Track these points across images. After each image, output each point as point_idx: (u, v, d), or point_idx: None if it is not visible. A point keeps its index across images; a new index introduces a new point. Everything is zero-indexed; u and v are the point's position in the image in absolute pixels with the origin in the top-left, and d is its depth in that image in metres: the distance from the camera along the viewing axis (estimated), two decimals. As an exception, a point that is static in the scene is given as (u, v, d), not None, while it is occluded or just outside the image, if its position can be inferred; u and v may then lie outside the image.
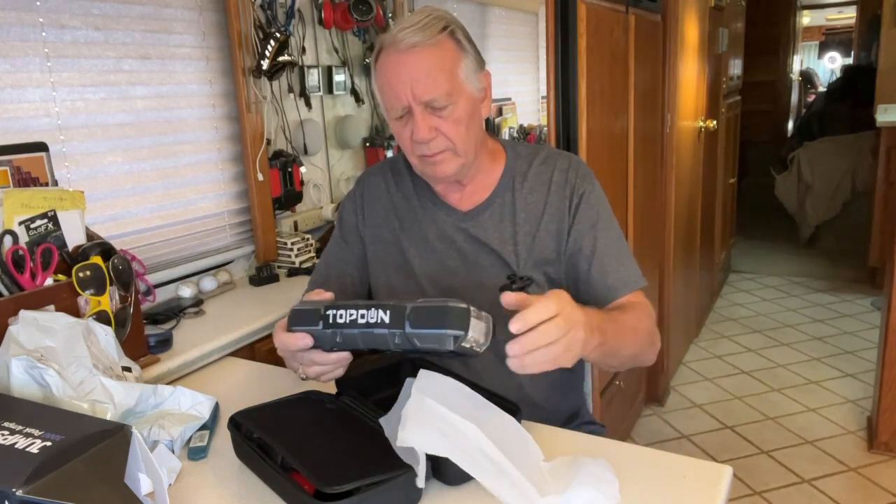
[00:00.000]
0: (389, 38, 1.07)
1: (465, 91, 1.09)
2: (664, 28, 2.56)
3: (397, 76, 1.06)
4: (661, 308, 2.76)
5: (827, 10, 9.50)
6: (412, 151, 1.12)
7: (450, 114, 1.07)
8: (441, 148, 1.09)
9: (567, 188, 1.19)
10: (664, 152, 2.65)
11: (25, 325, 1.02)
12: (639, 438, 2.60)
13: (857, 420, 2.63)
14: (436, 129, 1.08)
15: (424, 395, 0.84)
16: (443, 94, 1.06)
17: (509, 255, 1.17)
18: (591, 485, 0.80)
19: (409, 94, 1.05)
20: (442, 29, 1.07)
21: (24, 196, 1.22)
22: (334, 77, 2.26)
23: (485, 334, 0.82)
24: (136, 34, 1.69)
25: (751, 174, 5.87)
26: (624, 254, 1.19)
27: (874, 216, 3.87)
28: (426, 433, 0.79)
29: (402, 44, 1.05)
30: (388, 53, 1.07)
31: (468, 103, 1.10)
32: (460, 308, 0.80)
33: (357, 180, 1.34)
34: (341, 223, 1.32)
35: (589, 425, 1.31)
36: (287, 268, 1.96)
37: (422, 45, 1.05)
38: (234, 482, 0.92)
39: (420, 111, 1.06)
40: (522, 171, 1.21)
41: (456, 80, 1.07)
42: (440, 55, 1.06)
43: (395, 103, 1.08)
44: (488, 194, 1.20)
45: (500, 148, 1.24)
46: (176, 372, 1.32)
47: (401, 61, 1.06)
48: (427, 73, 1.05)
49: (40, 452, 0.68)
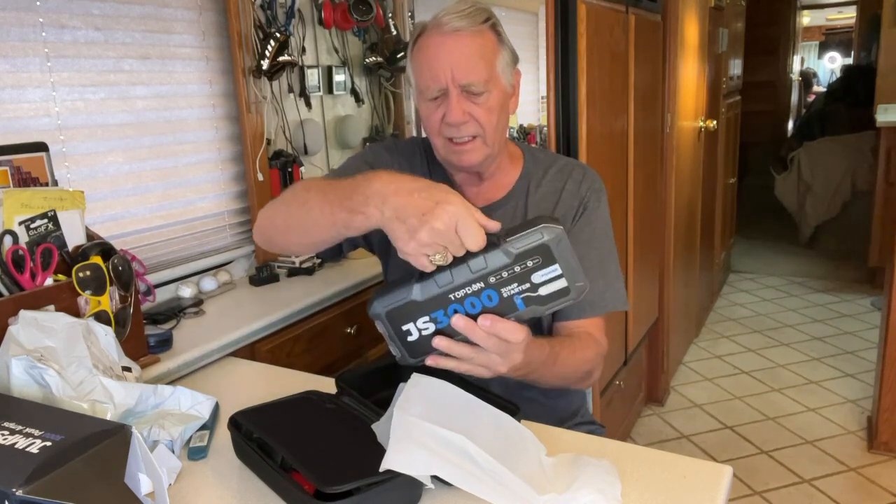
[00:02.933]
0: (434, 20, 1.09)
1: (500, 83, 1.11)
2: (664, 28, 2.56)
3: (437, 57, 1.07)
4: (662, 308, 2.76)
5: (827, 10, 9.50)
6: (439, 133, 1.12)
7: (484, 101, 1.09)
8: (472, 133, 1.10)
9: (576, 199, 1.19)
10: (664, 152, 2.65)
11: (25, 325, 1.02)
12: (639, 438, 2.60)
13: (857, 420, 2.63)
14: (469, 114, 1.08)
15: (408, 414, 0.83)
16: (481, 79, 1.07)
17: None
18: (593, 486, 0.80)
19: (448, 76, 1.06)
20: (485, 20, 1.09)
21: (24, 196, 1.22)
22: (334, 77, 2.26)
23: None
24: (136, 34, 1.69)
25: (751, 174, 5.87)
26: (607, 275, 1.18)
27: (874, 216, 3.87)
28: (413, 453, 0.79)
29: (446, 27, 1.07)
30: (431, 34, 1.09)
31: (501, 94, 1.11)
32: (548, 216, 0.84)
33: (391, 138, 1.30)
34: (373, 155, 1.25)
35: (589, 425, 1.31)
36: (287, 268, 1.96)
37: (466, 30, 1.07)
38: (234, 482, 0.92)
39: (456, 94, 1.07)
40: (538, 178, 1.22)
41: (493, 69, 1.09)
42: (482, 43, 1.08)
43: (431, 84, 1.08)
44: (503, 194, 1.21)
45: (518, 152, 1.25)
46: (176, 372, 1.32)
47: (443, 43, 1.07)
48: (468, 57, 1.07)
49: (40, 452, 0.68)
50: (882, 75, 4.10)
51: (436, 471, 0.78)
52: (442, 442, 0.81)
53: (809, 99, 8.04)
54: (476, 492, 0.78)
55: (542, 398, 1.21)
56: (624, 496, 0.81)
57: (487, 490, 0.78)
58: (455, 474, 0.78)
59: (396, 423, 0.82)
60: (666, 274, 2.74)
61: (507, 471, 0.79)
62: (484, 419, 0.89)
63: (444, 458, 0.79)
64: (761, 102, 6.25)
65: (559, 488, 0.80)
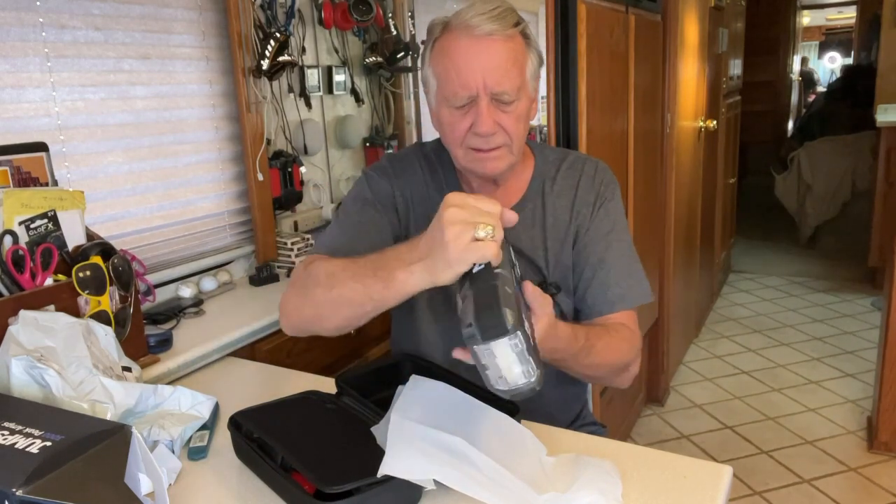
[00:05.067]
0: (460, 20, 1.01)
1: (528, 90, 1.06)
2: (664, 28, 2.56)
3: (468, 62, 1.00)
4: (661, 308, 2.76)
5: (827, 10, 9.51)
6: (462, 143, 1.07)
7: (514, 109, 1.04)
8: (499, 143, 1.06)
9: (592, 194, 1.17)
10: (664, 152, 2.65)
11: (25, 325, 1.02)
12: (639, 438, 2.60)
13: (857, 420, 2.63)
14: (498, 124, 1.04)
15: (405, 418, 0.83)
16: (514, 88, 1.02)
17: (540, 261, 1.16)
18: (594, 486, 0.80)
19: (479, 84, 1.00)
20: (516, 23, 1.03)
21: (24, 196, 1.22)
22: (334, 77, 2.26)
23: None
24: (136, 34, 1.69)
25: (751, 174, 5.87)
26: (632, 268, 1.17)
27: (874, 216, 3.87)
28: (410, 458, 0.79)
29: (477, 29, 1.00)
30: (459, 37, 1.01)
31: (528, 102, 1.07)
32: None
33: (386, 158, 1.24)
34: (371, 190, 1.18)
35: (590, 426, 1.31)
36: (287, 268, 1.96)
37: (498, 34, 1.00)
38: (234, 482, 0.92)
39: (486, 102, 1.01)
40: (551, 176, 1.19)
41: (524, 76, 1.05)
42: (514, 48, 1.03)
43: (460, 90, 1.02)
44: (519, 197, 1.18)
45: (528, 150, 1.22)
46: (176, 372, 1.32)
47: (475, 47, 1.00)
48: (501, 64, 1.01)
49: (40, 452, 0.68)
50: (882, 75, 4.11)
51: (433, 474, 0.78)
52: (439, 445, 0.81)
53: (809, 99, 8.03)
54: (474, 494, 0.78)
55: (544, 398, 1.21)
56: (624, 496, 0.81)
57: (486, 492, 0.78)
58: (453, 477, 0.78)
59: (394, 428, 0.82)
60: (666, 274, 2.74)
61: (506, 471, 0.79)
62: (483, 420, 0.89)
63: (442, 462, 0.79)
64: (761, 102, 6.25)
65: (560, 488, 0.80)
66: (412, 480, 0.78)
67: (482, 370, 0.77)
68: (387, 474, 0.78)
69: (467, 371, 1.10)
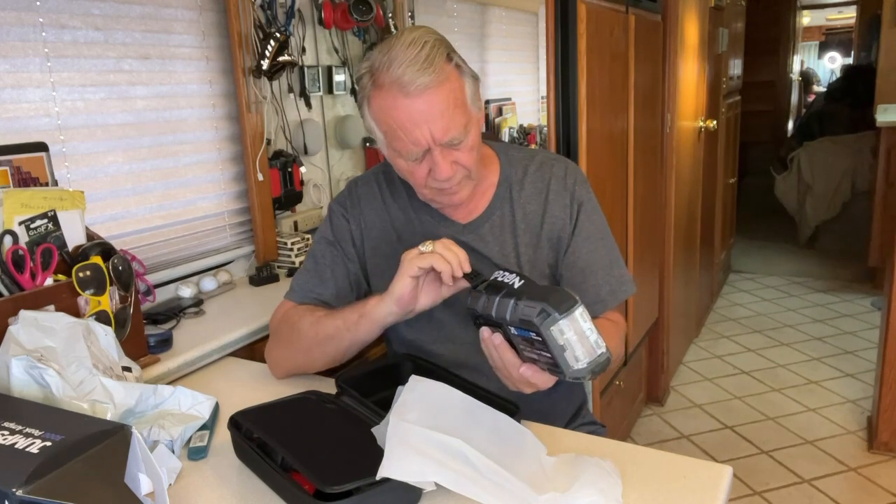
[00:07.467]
0: (390, 77, 0.98)
1: (473, 116, 1.06)
2: (664, 28, 2.56)
3: (412, 122, 1.00)
4: (662, 308, 2.76)
5: (827, 10, 9.50)
6: (425, 184, 1.08)
7: (465, 144, 1.04)
8: (459, 179, 1.07)
9: (566, 196, 1.17)
10: (664, 152, 2.65)
11: (25, 325, 1.02)
12: (639, 438, 2.60)
13: (857, 420, 2.63)
14: (455, 164, 1.05)
15: (404, 420, 0.83)
16: (461, 128, 1.02)
17: (513, 267, 1.16)
18: (594, 486, 0.80)
19: (428, 138, 1.00)
20: (446, 59, 1.01)
21: (24, 196, 1.22)
22: (334, 77, 2.26)
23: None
24: (136, 34, 1.69)
25: (751, 174, 5.87)
26: (616, 263, 1.19)
27: (874, 216, 3.87)
28: (409, 460, 0.79)
29: (412, 87, 0.97)
30: (396, 97, 0.99)
31: (476, 127, 1.07)
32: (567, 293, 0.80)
33: (347, 187, 1.26)
34: (332, 228, 1.24)
35: (589, 425, 1.31)
36: (287, 268, 1.96)
37: (433, 85, 0.98)
38: (234, 482, 0.92)
39: (440, 151, 1.02)
40: (518, 179, 1.19)
41: (467, 109, 1.04)
42: (451, 89, 1.01)
43: (411, 148, 1.02)
44: (486, 204, 1.18)
45: (491, 153, 1.21)
46: (176, 372, 1.32)
47: (414, 106, 0.99)
48: (444, 112, 1.00)
49: (40, 452, 0.68)
50: (882, 75, 4.10)
51: (433, 476, 0.78)
52: (439, 447, 0.81)
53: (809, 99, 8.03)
54: (474, 495, 0.78)
55: (543, 398, 1.21)
56: (624, 496, 0.81)
57: (485, 493, 0.78)
58: (452, 479, 0.78)
59: (392, 430, 0.82)
60: (666, 274, 2.74)
61: (506, 472, 0.79)
62: (482, 421, 0.89)
63: (441, 464, 0.79)
64: (761, 102, 6.25)
65: (560, 488, 0.80)
66: (411, 483, 0.78)
67: (559, 354, 0.78)
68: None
69: (468, 372, 1.11)
